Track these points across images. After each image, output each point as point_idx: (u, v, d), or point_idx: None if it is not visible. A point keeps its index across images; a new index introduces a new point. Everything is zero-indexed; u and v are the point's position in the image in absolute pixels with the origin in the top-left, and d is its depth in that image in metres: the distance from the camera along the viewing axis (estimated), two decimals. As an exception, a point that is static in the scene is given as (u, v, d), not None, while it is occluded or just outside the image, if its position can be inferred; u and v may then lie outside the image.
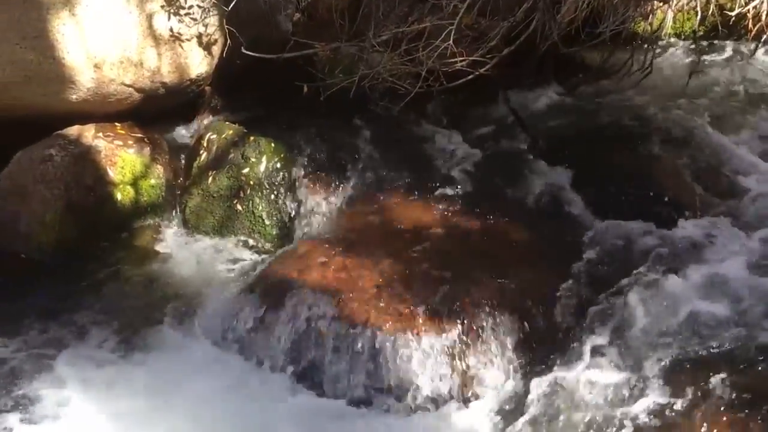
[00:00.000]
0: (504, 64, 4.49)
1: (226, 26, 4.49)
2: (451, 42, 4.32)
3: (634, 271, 3.43)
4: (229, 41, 4.55)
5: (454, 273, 3.50)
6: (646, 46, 4.94)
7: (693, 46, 5.15)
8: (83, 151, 4.33)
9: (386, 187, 4.19)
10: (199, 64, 4.64)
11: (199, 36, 4.57)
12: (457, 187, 4.10)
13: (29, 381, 3.43)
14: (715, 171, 4.09)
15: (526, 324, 3.31)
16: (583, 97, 4.76)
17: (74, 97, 4.34)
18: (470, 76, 4.51)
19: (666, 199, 3.94)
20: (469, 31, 4.73)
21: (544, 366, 3.17)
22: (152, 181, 4.43)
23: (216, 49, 4.69)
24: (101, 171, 4.31)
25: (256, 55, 4.45)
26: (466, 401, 3.17)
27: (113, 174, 4.33)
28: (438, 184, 4.13)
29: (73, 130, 4.42)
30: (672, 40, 5.31)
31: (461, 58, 4.47)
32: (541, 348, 3.27)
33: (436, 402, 3.20)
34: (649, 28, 5.10)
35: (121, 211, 4.33)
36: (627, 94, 4.72)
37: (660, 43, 5.05)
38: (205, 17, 4.53)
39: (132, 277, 4.10)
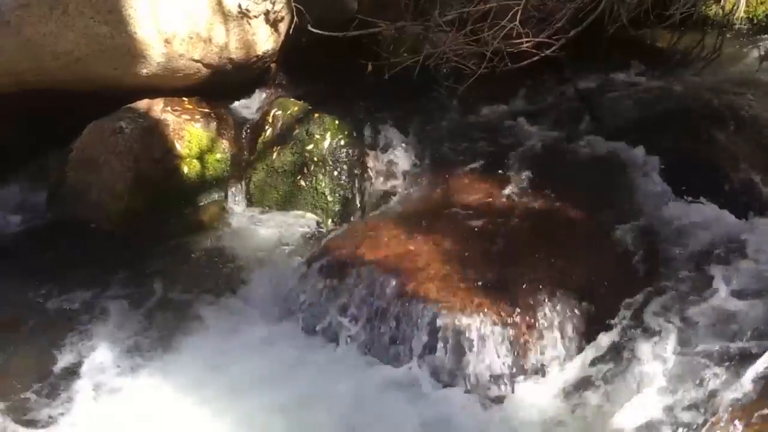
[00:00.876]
0: (571, 46, 4.44)
1: (293, 4, 4.53)
2: (517, 23, 4.30)
3: (701, 256, 3.39)
4: (295, 19, 4.59)
5: (517, 253, 3.50)
6: (717, 30, 4.83)
7: (765, 31, 5.02)
8: (152, 125, 4.42)
9: (449, 167, 4.19)
10: (265, 40, 4.69)
11: (267, 13, 4.63)
12: (521, 169, 4.07)
13: (92, 347, 3.52)
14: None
15: (589, 306, 3.29)
16: (650, 80, 4.68)
17: (145, 71, 4.43)
18: (536, 58, 4.48)
19: (734, 185, 3.87)
20: (536, 12, 4.69)
21: (606, 348, 3.16)
22: (218, 156, 4.51)
23: (282, 27, 4.74)
24: (169, 144, 4.40)
25: (322, 32, 4.48)
26: (525, 380, 3.17)
27: (180, 147, 4.42)
28: (501, 165, 4.11)
29: (142, 104, 4.51)
30: (744, 24, 5.18)
31: (527, 39, 4.44)
32: (605, 330, 3.25)
33: (494, 380, 3.20)
34: (720, 11, 5.00)
35: (187, 184, 4.41)
36: (695, 79, 4.64)
37: (731, 27, 4.93)
38: (273, -6, 4.58)
39: (196, 249, 4.18)
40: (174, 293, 3.83)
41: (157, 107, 4.51)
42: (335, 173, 4.32)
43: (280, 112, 4.55)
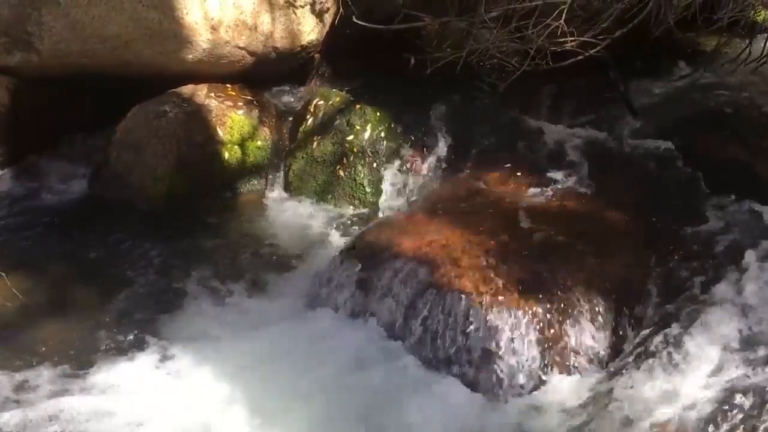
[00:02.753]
0: (615, 47, 4.41)
1: (339, -5, 4.57)
2: (562, 21, 4.27)
3: (742, 258, 3.35)
4: (341, 10, 4.62)
5: (552, 250, 3.49)
6: (765, 35, 4.77)
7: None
8: (195, 110, 4.47)
9: (487, 162, 4.21)
10: (310, 31, 4.73)
11: (313, 3, 4.67)
12: (559, 166, 4.08)
13: (128, 324, 3.59)
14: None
15: (624, 305, 3.29)
16: (695, 83, 4.64)
17: (190, 56, 4.48)
18: (580, 57, 4.45)
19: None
20: (582, 11, 4.65)
21: (640, 348, 3.15)
22: (259, 143, 4.55)
23: (328, 18, 4.77)
24: (211, 130, 4.45)
25: (367, 25, 4.49)
26: (555, 376, 3.16)
27: (222, 133, 4.47)
28: (540, 163, 4.13)
29: (186, 89, 4.58)
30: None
31: (572, 39, 4.41)
32: (640, 329, 3.24)
33: (525, 374, 3.20)
34: (769, 17, 4.94)
35: (227, 169, 4.46)
36: (741, 83, 4.58)
37: (781, 33, 4.87)
38: (320, -15, 4.61)
39: (233, 233, 4.24)
40: (209, 275, 3.88)
41: (200, 93, 4.57)
42: (374, 164, 4.34)
43: (321, 102, 4.58)
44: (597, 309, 3.28)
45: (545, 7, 4.48)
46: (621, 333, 3.28)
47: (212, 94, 4.58)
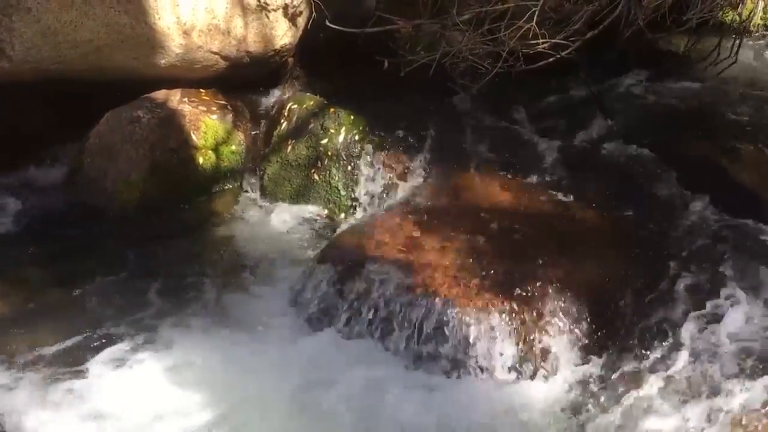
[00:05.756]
0: (587, 48, 4.45)
1: (312, -1, 4.57)
2: (534, 23, 4.31)
3: (710, 260, 3.40)
4: (314, 14, 4.63)
5: (527, 252, 3.53)
6: (733, 36, 4.84)
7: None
8: (169, 115, 4.47)
9: (462, 165, 4.22)
10: (283, 35, 4.73)
11: (285, 7, 4.67)
12: (532, 170, 4.10)
13: (99, 331, 3.56)
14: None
15: (597, 305, 3.31)
16: (665, 84, 4.69)
17: (163, 61, 4.47)
18: (552, 59, 4.49)
19: (746, 193, 3.88)
20: (553, 13, 4.69)
21: (613, 347, 3.18)
22: (233, 147, 4.55)
23: (301, 21, 4.77)
24: (185, 135, 4.44)
25: (340, 28, 4.50)
26: (531, 376, 3.20)
27: (196, 138, 4.46)
28: (513, 165, 4.15)
29: (160, 94, 4.57)
30: (761, 30, 5.18)
31: (543, 40, 4.44)
32: (613, 329, 3.27)
33: (500, 376, 3.23)
34: (737, 18, 5.00)
35: (202, 174, 4.46)
36: (710, 84, 4.64)
37: (748, 33, 4.93)
38: (292, -11, 4.61)
39: (208, 239, 4.23)
40: (183, 281, 3.87)
41: (174, 98, 4.56)
42: (349, 168, 4.35)
43: (295, 106, 4.58)
44: (570, 310, 3.31)
45: (517, 9, 4.51)
46: (593, 334, 3.30)
47: (186, 99, 4.57)
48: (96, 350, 3.44)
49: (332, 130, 4.42)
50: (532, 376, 3.18)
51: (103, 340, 3.50)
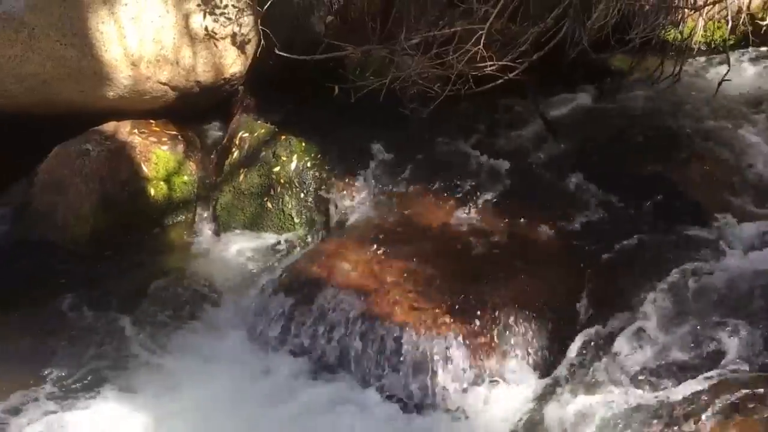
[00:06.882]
0: (534, 69, 4.52)
1: (260, 27, 4.57)
2: (481, 46, 4.36)
3: (660, 274, 3.44)
4: (263, 41, 4.63)
5: (479, 272, 3.56)
6: (675, 53, 4.94)
7: (723, 55, 5.13)
8: (119, 147, 4.44)
9: (414, 188, 4.24)
10: (233, 63, 4.73)
11: (234, 35, 4.67)
12: (484, 191, 4.13)
13: (57, 368, 3.54)
14: (741, 178, 4.09)
15: (550, 323, 3.35)
16: (612, 103, 4.76)
17: (111, 93, 4.44)
18: (500, 81, 4.55)
19: (694, 204, 3.95)
20: (500, 36, 4.75)
21: (568, 365, 3.21)
22: (185, 178, 4.53)
23: (250, 49, 4.78)
24: (136, 166, 4.42)
25: (289, 55, 4.51)
26: (488, 396, 3.21)
27: (147, 170, 4.44)
28: (465, 187, 4.17)
29: (109, 126, 4.53)
30: (702, 48, 5.30)
31: (491, 63, 4.50)
32: (566, 345, 3.30)
33: (458, 397, 3.24)
34: (679, 36, 5.11)
35: (154, 206, 4.43)
36: (655, 101, 4.72)
37: (690, 51, 5.04)
38: (240, 17, 4.62)
39: (162, 271, 4.19)
40: (137, 314, 3.84)
41: (123, 130, 4.53)
42: (302, 195, 4.35)
43: (247, 135, 4.58)
44: (526, 328, 3.34)
45: (464, 33, 4.57)
46: (550, 350, 3.34)
47: (136, 131, 4.55)
48: (38, 389, 3.39)
49: (284, 158, 4.42)
50: (487, 399, 3.19)
51: (47, 379, 3.45)
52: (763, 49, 5.21)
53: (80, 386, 3.45)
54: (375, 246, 3.81)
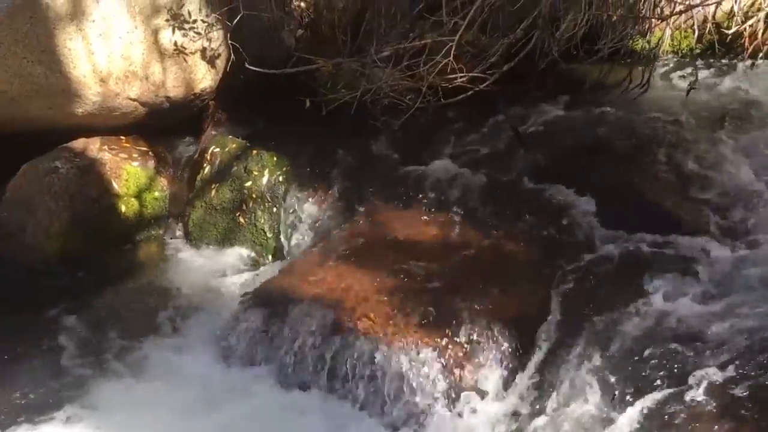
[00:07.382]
0: (504, 80, 4.55)
1: (230, 41, 4.56)
2: (451, 58, 4.39)
3: (631, 285, 3.45)
4: (233, 56, 4.62)
5: (450, 285, 3.55)
6: (643, 63, 4.99)
7: (690, 64, 5.19)
8: (88, 164, 4.41)
9: (387, 201, 4.24)
10: (203, 78, 4.71)
11: (204, 50, 4.65)
12: (455, 202, 4.14)
13: (29, 387, 3.50)
14: (711, 185, 4.12)
15: (522, 336, 3.35)
16: (581, 112, 4.78)
17: (80, 110, 4.41)
18: (470, 92, 4.58)
19: (664, 214, 3.97)
20: (470, 47, 4.80)
21: (539, 377, 3.21)
22: (156, 194, 4.51)
23: (220, 64, 4.76)
24: (106, 183, 4.39)
25: (260, 70, 4.51)
26: (459, 412, 3.20)
27: (118, 186, 4.41)
28: (437, 200, 4.17)
29: (78, 143, 4.50)
30: (670, 57, 5.36)
31: (461, 74, 4.55)
32: (537, 359, 3.29)
33: (431, 410, 3.23)
34: (647, 45, 5.17)
35: (125, 222, 4.40)
36: (625, 110, 4.75)
37: (658, 60, 5.10)
38: (210, 32, 4.60)
39: (135, 287, 4.18)
40: (109, 332, 3.81)
41: (93, 146, 4.50)
42: (274, 209, 4.33)
43: (218, 150, 4.56)
44: (496, 341, 3.34)
45: (434, 45, 4.60)
46: (520, 363, 3.33)
47: (105, 147, 4.52)
48: (1, 408, 3.36)
49: (256, 173, 4.40)
50: (462, 412, 3.19)
51: (12, 397, 3.42)
52: (729, 57, 5.28)
53: (44, 405, 3.41)
54: (348, 259, 3.81)
